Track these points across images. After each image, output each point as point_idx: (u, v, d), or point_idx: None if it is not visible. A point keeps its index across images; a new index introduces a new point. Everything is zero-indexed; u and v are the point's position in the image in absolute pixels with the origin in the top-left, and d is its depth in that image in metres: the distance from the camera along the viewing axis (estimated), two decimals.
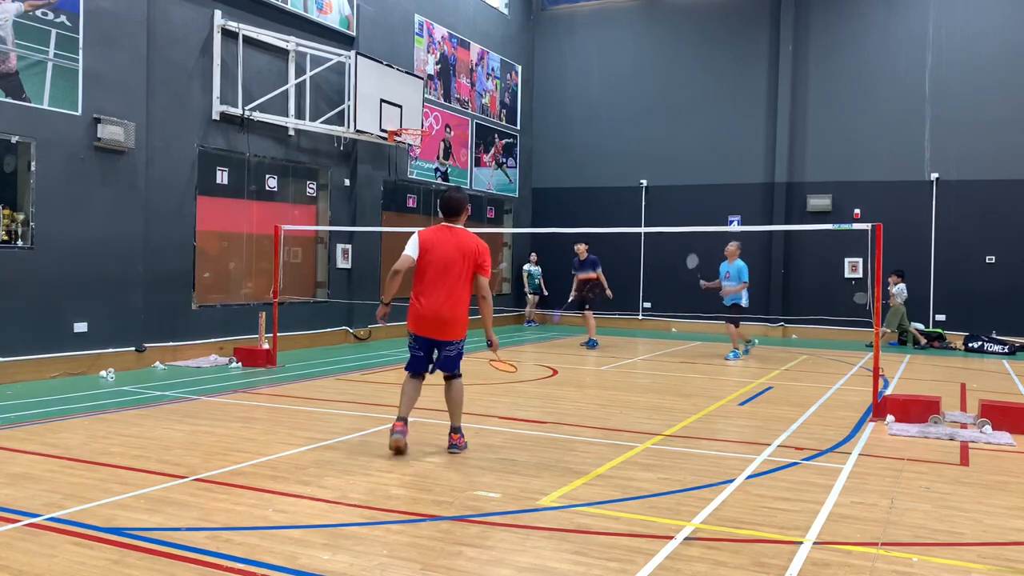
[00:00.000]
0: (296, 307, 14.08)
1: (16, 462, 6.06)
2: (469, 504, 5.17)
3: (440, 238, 6.39)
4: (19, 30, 9.83)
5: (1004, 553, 4.48)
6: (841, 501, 5.37)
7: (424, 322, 6.36)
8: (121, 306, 10.94)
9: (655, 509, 5.14)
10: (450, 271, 6.29)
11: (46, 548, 4.30)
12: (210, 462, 6.12)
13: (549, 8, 21.79)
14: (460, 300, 6.36)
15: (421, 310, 6.33)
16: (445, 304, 6.30)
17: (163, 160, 11.75)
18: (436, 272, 6.31)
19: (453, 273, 6.30)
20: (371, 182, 15.80)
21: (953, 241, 17.50)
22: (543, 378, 11.10)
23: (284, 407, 8.49)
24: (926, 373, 12.53)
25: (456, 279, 6.31)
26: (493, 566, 4.15)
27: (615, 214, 19.98)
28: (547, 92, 21.64)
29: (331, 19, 14.72)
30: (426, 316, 6.32)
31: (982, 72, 17.25)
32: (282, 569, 4.04)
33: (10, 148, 10.14)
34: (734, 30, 19.65)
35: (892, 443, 7.23)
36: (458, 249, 6.34)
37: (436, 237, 6.39)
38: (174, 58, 11.89)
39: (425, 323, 6.35)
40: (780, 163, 18.95)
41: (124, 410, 8.16)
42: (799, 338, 18.17)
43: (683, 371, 12.24)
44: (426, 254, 6.34)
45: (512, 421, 7.92)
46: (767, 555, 4.35)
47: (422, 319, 6.35)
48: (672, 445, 7.03)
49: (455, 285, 6.31)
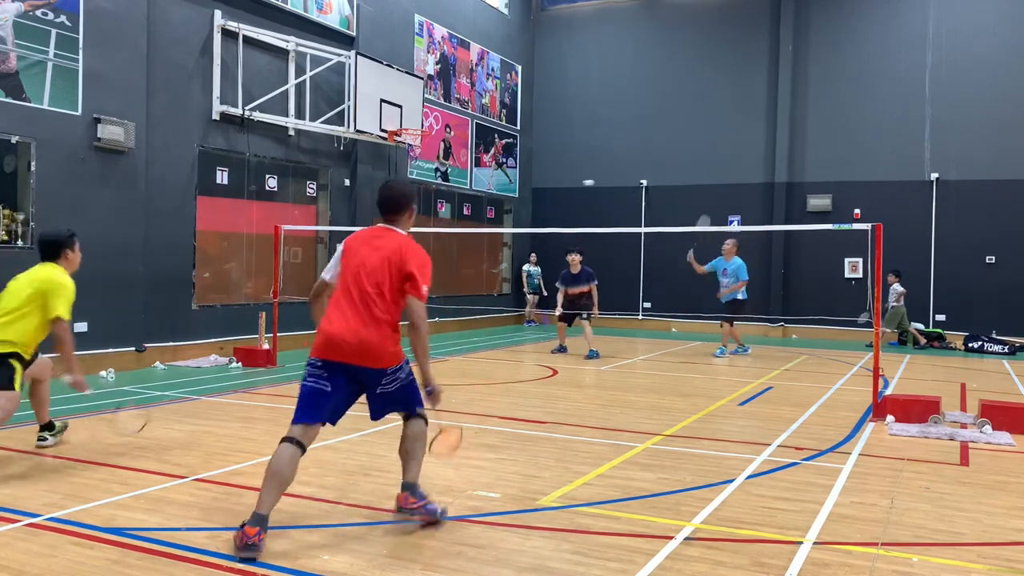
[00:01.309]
0: (296, 307, 14.07)
1: (16, 462, 6.07)
2: (469, 504, 5.17)
3: (366, 241, 4.80)
4: (19, 30, 9.83)
5: (1004, 553, 4.48)
6: (841, 501, 5.37)
7: (332, 346, 4.59)
8: (121, 306, 10.94)
9: (655, 509, 5.14)
10: (372, 282, 4.61)
11: (46, 548, 4.30)
12: (210, 462, 6.12)
13: (549, 8, 21.79)
14: (385, 319, 4.60)
15: (330, 328, 4.60)
16: (362, 324, 4.57)
17: (163, 160, 11.74)
18: (352, 282, 4.66)
19: (374, 283, 4.61)
20: (371, 182, 15.79)
21: (953, 241, 17.50)
22: (543, 378, 11.10)
23: (284, 407, 8.48)
24: (926, 373, 12.53)
25: (379, 292, 4.60)
26: (493, 566, 4.15)
27: (615, 214, 19.98)
28: (547, 92, 21.64)
29: (331, 19, 14.72)
30: (335, 338, 4.57)
31: (982, 72, 17.25)
32: (282, 569, 4.04)
33: (10, 148, 10.15)
34: (734, 30, 19.65)
35: (892, 443, 7.23)
36: (387, 256, 4.66)
37: (360, 241, 4.82)
38: (174, 58, 11.89)
39: (335, 347, 4.58)
40: (780, 163, 18.95)
41: (124, 410, 8.15)
42: (799, 338, 18.17)
43: (683, 371, 12.24)
44: (348, 261, 4.76)
45: (512, 421, 7.91)
46: (767, 555, 4.35)
47: (331, 343, 4.59)
48: (672, 445, 7.03)
49: (378, 300, 4.59)
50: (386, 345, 4.63)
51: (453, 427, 5.02)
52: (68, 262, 6.19)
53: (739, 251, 14.42)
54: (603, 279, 18.72)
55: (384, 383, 4.74)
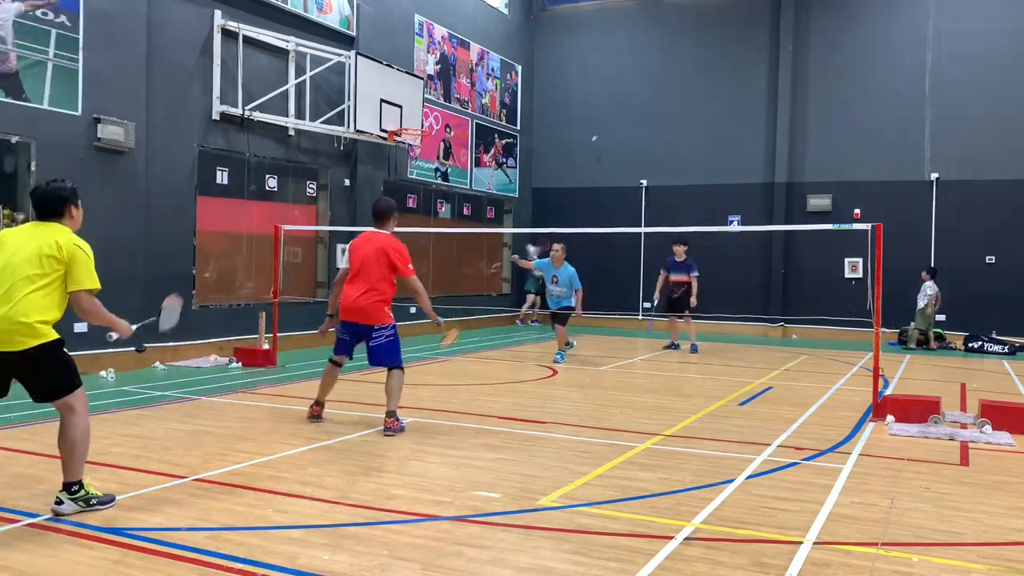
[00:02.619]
0: (296, 307, 14.08)
1: (16, 462, 6.07)
2: (469, 504, 5.17)
3: (363, 241, 7.46)
4: (19, 30, 9.83)
5: (1004, 553, 4.48)
6: (841, 501, 5.37)
7: (345, 311, 7.36)
8: (121, 306, 10.82)
9: (655, 509, 5.14)
10: (368, 268, 7.25)
11: (46, 548, 4.30)
12: (210, 462, 6.12)
13: (549, 8, 21.79)
14: (376, 291, 7.23)
15: (343, 300, 7.36)
16: (362, 295, 7.23)
17: (163, 160, 11.74)
18: (357, 269, 7.33)
19: (370, 269, 7.24)
20: (371, 182, 15.80)
21: (953, 241, 17.50)
22: (543, 378, 11.10)
23: (284, 407, 8.48)
24: (926, 373, 12.53)
25: (372, 275, 7.24)
26: (493, 566, 4.15)
27: (615, 214, 19.98)
28: (547, 92, 21.63)
29: (331, 19, 14.71)
30: (346, 306, 7.32)
31: (982, 72, 17.25)
32: (282, 569, 4.04)
33: (10, 148, 10.14)
34: (734, 30, 19.64)
35: (892, 443, 7.24)
36: (375, 249, 7.29)
37: (360, 241, 7.49)
38: (174, 58, 11.89)
39: (346, 312, 7.35)
40: (780, 163, 18.95)
41: (124, 410, 8.16)
42: (799, 338, 18.17)
43: (683, 371, 12.24)
44: (352, 256, 7.42)
45: (512, 421, 7.91)
46: (767, 555, 4.35)
47: (344, 309, 7.36)
48: (672, 445, 7.03)
49: (373, 280, 7.23)
50: (375, 308, 7.26)
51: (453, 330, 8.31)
52: (73, 221, 5.17)
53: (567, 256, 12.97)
54: (603, 279, 18.85)
55: (375, 336, 7.28)
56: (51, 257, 4.83)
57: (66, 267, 4.87)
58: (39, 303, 4.76)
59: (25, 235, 4.95)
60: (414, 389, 9.71)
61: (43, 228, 4.98)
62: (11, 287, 4.74)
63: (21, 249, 4.85)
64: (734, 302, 19.02)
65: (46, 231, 4.95)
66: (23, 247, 4.86)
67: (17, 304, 4.70)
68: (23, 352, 4.73)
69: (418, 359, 12.59)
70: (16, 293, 4.72)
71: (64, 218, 5.10)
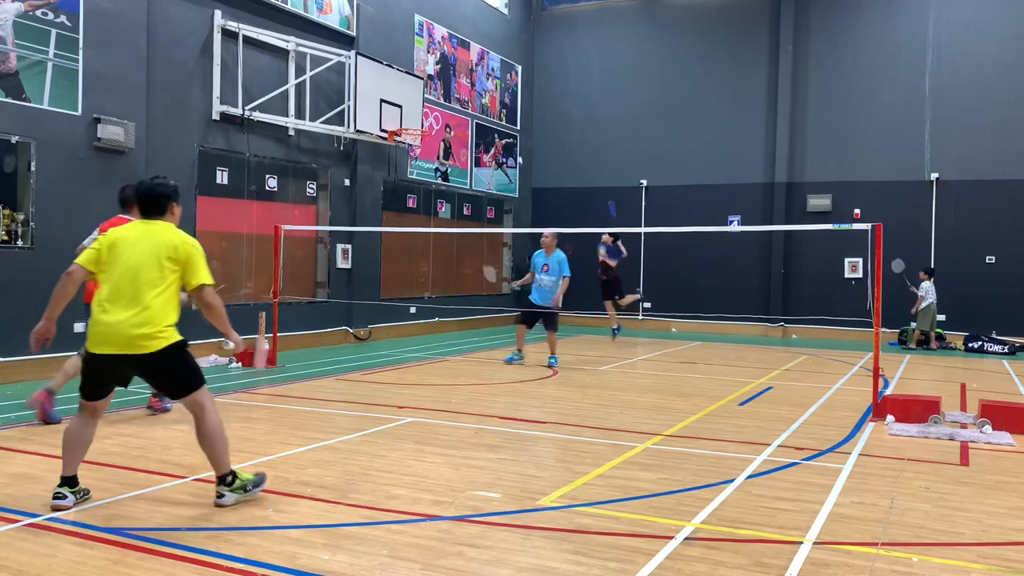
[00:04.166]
0: (296, 307, 14.08)
1: (16, 462, 6.06)
2: (469, 504, 5.17)
3: None
4: (19, 30, 9.83)
5: (1004, 553, 4.48)
6: (841, 501, 5.37)
7: None
8: None
9: (655, 509, 5.14)
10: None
11: (46, 548, 4.30)
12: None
13: (549, 8, 21.79)
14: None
15: None
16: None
17: (163, 160, 11.74)
18: None
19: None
20: (371, 182, 15.80)
21: (953, 241, 17.50)
22: (543, 378, 11.10)
23: (284, 407, 8.48)
24: (926, 373, 12.53)
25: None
26: (493, 566, 4.15)
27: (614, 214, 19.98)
28: (547, 92, 21.64)
29: (331, 19, 14.71)
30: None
31: (982, 72, 17.25)
32: (282, 569, 4.04)
33: (10, 148, 10.14)
34: (734, 30, 19.65)
35: (892, 443, 7.23)
36: None
37: None
38: (174, 58, 11.89)
39: None
40: (780, 163, 18.95)
41: (124, 410, 8.16)
42: (799, 338, 18.17)
43: (683, 371, 12.24)
44: None
45: (512, 421, 7.91)
46: (767, 555, 4.35)
47: None
48: (672, 445, 7.03)
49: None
50: None
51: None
52: (174, 217, 5.21)
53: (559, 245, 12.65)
54: None
55: None
56: (169, 259, 4.96)
57: (183, 267, 5.00)
58: (164, 308, 4.92)
59: (136, 236, 5.03)
60: (414, 389, 9.71)
61: (152, 227, 5.09)
62: (136, 292, 4.87)
63: (136, 250, 4.95)
64: (734, 302, 19.05)
65: (157, 231, 5.06)
66: (138, 248, 4.96)
67: (144, 310, 4.84)
68: (150, 355, 4.88)
69: (418, 359, 12.58)
70: (142, 298, 4.86)
71: (167, 215, 5.21)
